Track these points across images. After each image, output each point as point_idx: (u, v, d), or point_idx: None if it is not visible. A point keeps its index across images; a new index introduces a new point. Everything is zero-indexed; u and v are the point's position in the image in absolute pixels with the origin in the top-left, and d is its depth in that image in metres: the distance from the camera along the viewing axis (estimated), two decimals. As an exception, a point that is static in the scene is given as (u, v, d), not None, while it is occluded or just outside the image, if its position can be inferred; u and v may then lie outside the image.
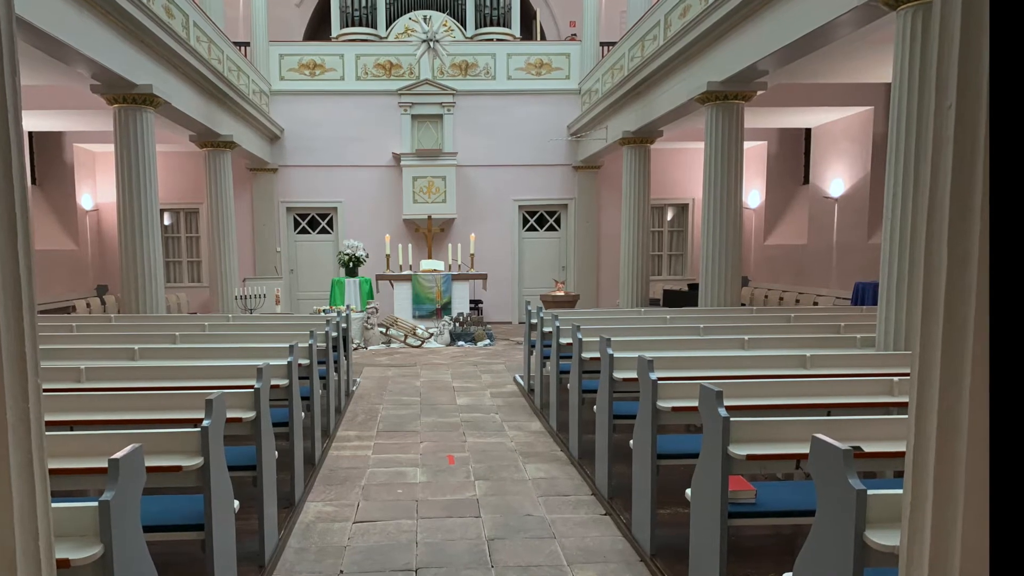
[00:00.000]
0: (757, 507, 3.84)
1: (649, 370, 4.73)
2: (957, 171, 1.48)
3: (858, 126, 13.67)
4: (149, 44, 9.56)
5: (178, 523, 3.72)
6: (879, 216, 7.55)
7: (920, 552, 1.59)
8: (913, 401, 1.62)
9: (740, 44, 9.02)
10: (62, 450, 3.59)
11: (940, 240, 1.52)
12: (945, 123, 1.50)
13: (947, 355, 1.51)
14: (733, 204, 9.95)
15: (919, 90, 5.85)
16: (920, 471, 1.59)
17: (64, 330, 7.98)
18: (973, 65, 1.44)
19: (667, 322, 8.52)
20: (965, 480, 1.48)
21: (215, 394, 3.87)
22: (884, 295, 6.25)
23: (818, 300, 13.82)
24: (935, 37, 1.54)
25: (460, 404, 9.01)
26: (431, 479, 6.17)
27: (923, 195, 1.59)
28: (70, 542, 2.69)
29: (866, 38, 8.13)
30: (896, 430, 3.78)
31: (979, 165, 1.44)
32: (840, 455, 2.79)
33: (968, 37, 1.44)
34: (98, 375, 5.46)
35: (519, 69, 17.60)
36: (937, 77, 1.53)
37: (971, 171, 1.45)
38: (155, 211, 9.89)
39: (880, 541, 2.64)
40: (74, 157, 16.15)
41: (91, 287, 16.51)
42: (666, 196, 18.22)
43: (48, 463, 1.84)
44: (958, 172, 1.47)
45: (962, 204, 1.47)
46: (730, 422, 3.72)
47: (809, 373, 5.62)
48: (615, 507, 5.37)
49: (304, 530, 5.09)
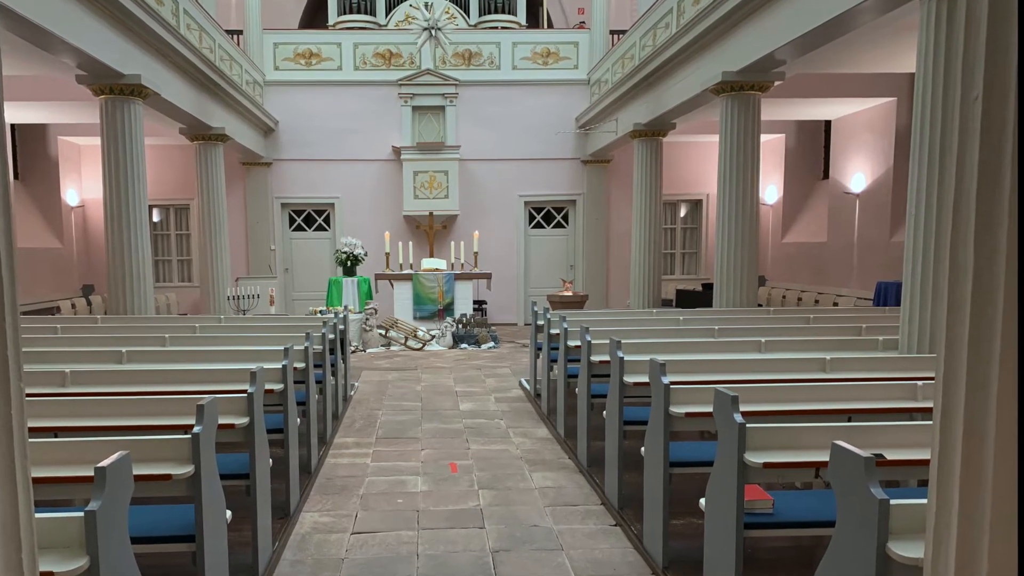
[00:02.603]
0: (774, 517, 3.83)
1: (661, 374, 4.72)
2: (984, 165, 1.47)
3: (880, 118, 13.64)
4: (137, 32, 9.59)
5: (168, 534, 3.72)
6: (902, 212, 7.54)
7: (946, 564, 1.59)
8: (938, 406, 1.62)
9: (756, 32, 9.01)
10: (46, 458, 3.60)
11: (966, 237, 1.52)
12: (971, 115, 1.50)
13: (973, 358, 1.51)
14: (749, 200, 9.93)
15: (944, 80, 5.84)
16: (945, 479, 1.59)
17: (48, 332, 8.00)
18: (1001, 54, 1.43)
19: (680, 324, 8.51)
20: (992, 489, 1.48)
21: (206, 399, 3.88)
22: (907, 295, 6.24)
23: (838, 300, 13.80)
24: (961, 25, 1.54)
25: (463, 409, 9.01)
26: (433, 488, 6.18)
27: (948, 190, 1.59)
28: (55, 554, 2.69)
29: (889, 26, 8.11)
30: (920, 437, 3.78)
31: (1007, 159, 1.43)
32: (861, 463, 2.79)
33: (995, 25, 1.44)
34: (84, 379, 5.48)
35: (525, 59, 17.60)
36: (963, 67, 1.53)
37: (998, 165, 1.45)
38: (143, 207, 9.92)
39: (904, 553, 2.64)
40: (59, 150, 16.20)
41: (76, 287, 16.57)
42: (679, 192, 18.21)
43: (31, 471, 1.84)
44: (985, 166, 1.47)
45: (989, 200, 1.47)
46: (746, 428, 3.71)
47: (829, 377, 5.61)
48: (626, 518, 5.37)
49: (300, 542, 5.10)
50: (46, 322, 9.08)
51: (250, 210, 17.49)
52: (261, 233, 17.47)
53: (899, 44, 9.16)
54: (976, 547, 1.50)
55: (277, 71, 17.29)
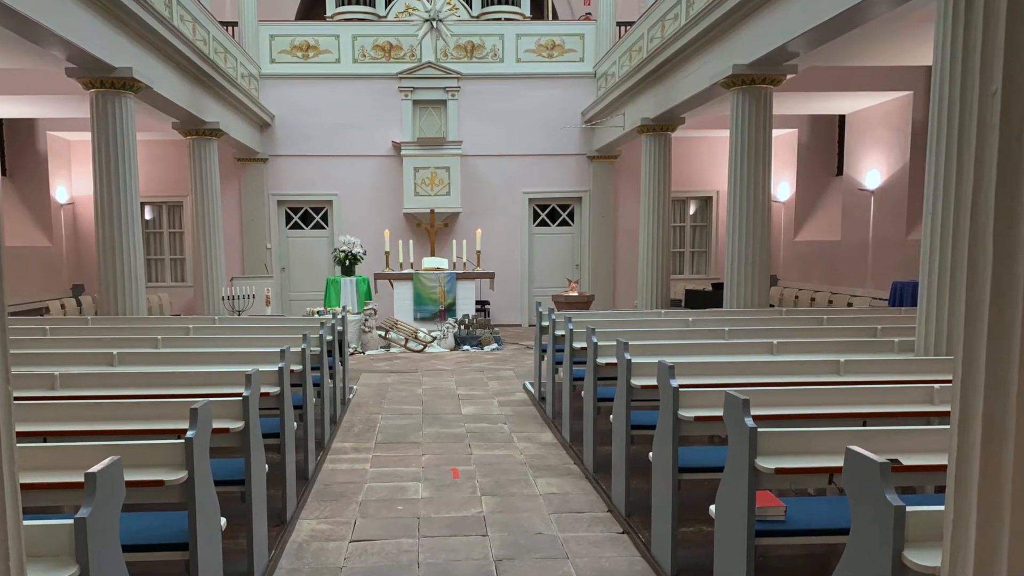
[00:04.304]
0: (787, 525, 3.83)
1: (670, 376, 4.72)
2: (1003, 161, 1.47)
3: (896, 112, 13.62)
4: (129, 24, 9.61)
5: (160, 542, 3.73)
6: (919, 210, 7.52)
7: (963, 573, 1.59)
8: (955, 410, 1.62)
9: (768, 24, 9.00)
10: (35, 463, 3.60)
11: (985, 235, 1.52)
12: (990, 110, 1.50)
13: (992, 360, 1.51)
14: (761, 197, 9.93)
15: (962, 74, 5.83)
16: (963, 485, 1.59)
17: (37, 333, 8.01)
18: (1020, 47, 1.43)
19: (689, 325, 8.51)
20: (1012, 495, 1.48)
21: (200, 403, 3.88)
22: (924, 295, 6.23)
23: (852, 301, 13.79)
24: (979, 16, 1.54)
25: (465, 413, 9.02)
26: (434, 495, 6.18)
27: (966, 187, 1.59)
28: (43, 563, 2.70)
29: (905, 17, 8.10)
30: (937, 442, 3.77)
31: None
32: (877, 468, 2.79)
33: (1015, 17, 1.44)
34: (74, 382, 5.49)
35: (529, 51, 17.61)
36: (981, 60, 1.53)
37: (1018, 161, 1.45)
38: (135, 205, 9.94)
39: (920, 561, 2.64)
40: (48, 146, 16.24)
41: (66, 287, 16.60)
42: (688, 188, 18.20)
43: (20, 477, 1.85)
44: (1004, 162, 1.47)
45: (1008, 197, 1.47)
46: (758, 433, 3.71)
47: (843, 380, 5.61)
48: (633, 525, 5.37)
49: (296, 550, 5.11)
50: (35, 323, 9.10)
51: (245, 208, 17.51)
52: (257, 231, 17.49)
53: (915, 36, 9.15)
54: (995, 555, 1.50)
55: (273, 64, 17.30)
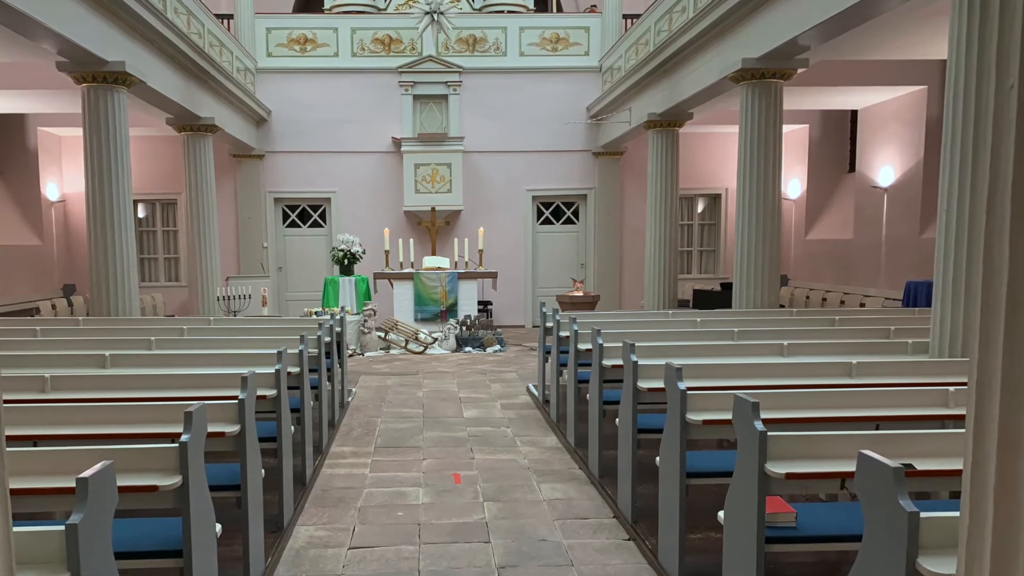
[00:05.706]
0: (797, 531, 3.83)
1: (677, 379, 4.72)
2: (1020, 158, 1.47)
3: (910, 108, 13.61)
4: (121, 17, 9.61)
5: (154, 549, 3.73)
6: (933, 208, 7.51)
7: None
8: (971, 413, 1.62)
9: (778, 16, 8.99)
10: (25, 468, 3.61)
11: (1001, 234, 1.52)
12: (1006, 105, 1.50)
13: (1009, 362, 1.51)
14: (771, 194, 9.92)
15: (978, 68, 5.82)
16: (979, 491, 1.58)
17: (27, 334, 8.03)
18: (1038, 39, 1.43)
19: (697, 326, 8.51)
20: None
21: (195, 405, 3.89)
22: (939, 296, 6.22)
23: (865, 301, 13.78)
24: (995, 10, 1.53)
25: (467, 417, 9.02)
26: (435, 500, 6.19)
27: (982, 184, 1.58)
28: (34, 570, 2.70)
29: (919, 10, 8.09)
30: (952, 446, 3.77)
31: (1044, 150, 1.43)
32: (890, 473, 2.78)
33: (1032, 8, 1.43)
34: (65, 384, 5.49)
35: (533, 44, 17.60)
36: (998, 54, 1.53)
37: (1035, 157, 1.45)
38: (128, 202, 9.95)
39: (934, 569, 2.63)
40: (38, 142, 16.27)
41: (57, 286, 16.63)
42: (696, 186, 18.19)
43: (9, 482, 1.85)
44: (1021, 158, 1.47)
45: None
46: (767, 437, 3.71)
47: (855, 382, 5.59)
48: (640, 531, 5.37)
49: (294, 557, 5.11)
50: (25, 324, 9.11)
51: (241, 205, 17.52)
52: (253, 230, 17.50)
53: (930, 29, 9.13)
54: (1011, 563, 1.50)
55: (270, 58, 17.31)
